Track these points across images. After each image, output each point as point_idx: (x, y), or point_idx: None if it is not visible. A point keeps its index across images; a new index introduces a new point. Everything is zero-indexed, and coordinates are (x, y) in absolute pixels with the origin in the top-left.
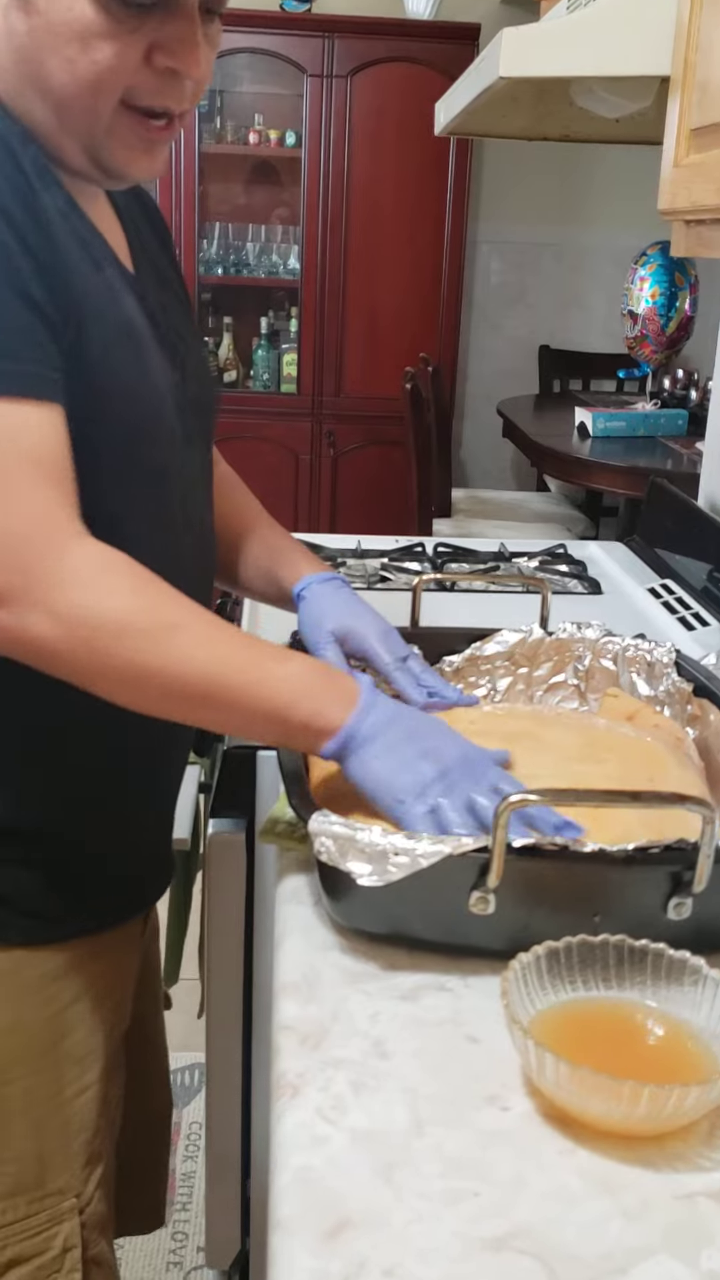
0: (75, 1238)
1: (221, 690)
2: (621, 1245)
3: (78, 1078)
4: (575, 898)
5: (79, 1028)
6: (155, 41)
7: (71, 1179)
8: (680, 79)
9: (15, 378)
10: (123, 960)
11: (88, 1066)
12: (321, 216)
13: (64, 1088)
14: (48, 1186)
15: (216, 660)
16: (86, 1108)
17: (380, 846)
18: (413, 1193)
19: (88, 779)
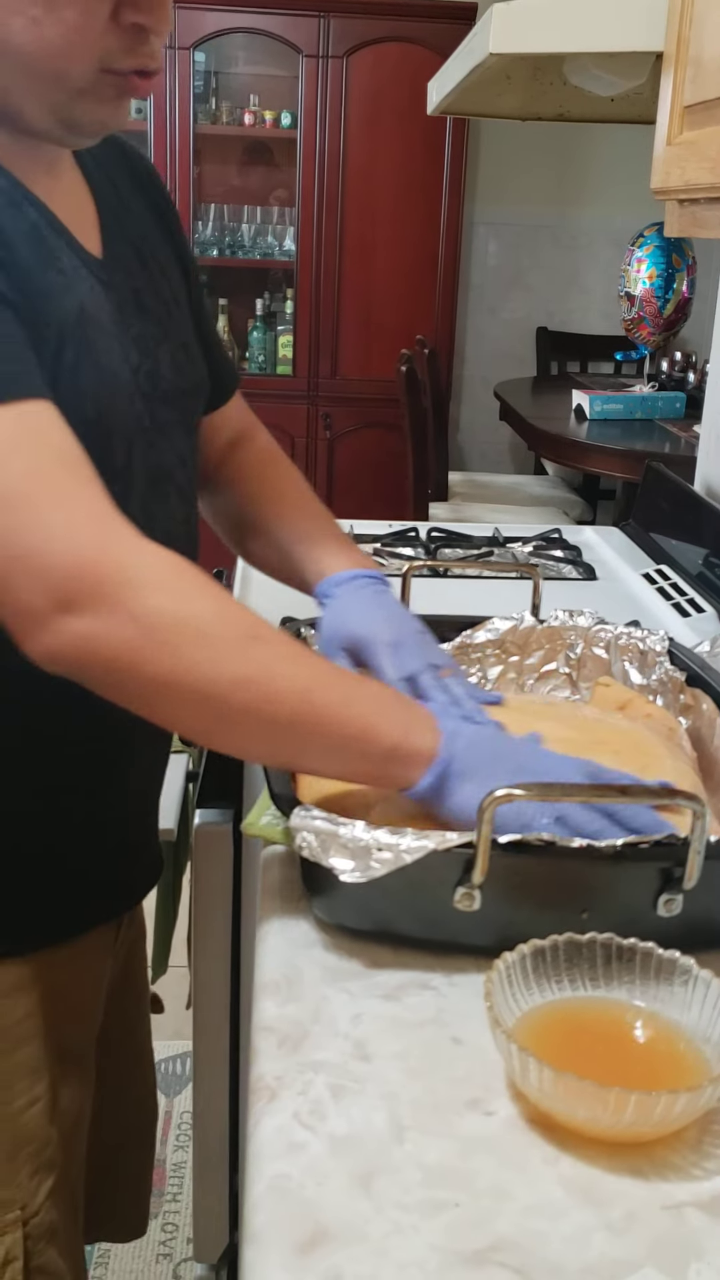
0: (17, 1249)
1: (308, 708)
2: (606, 1258)
3: (27, 1090)
4: (563, 894)
5: (32, 1040)
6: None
7: (16, 1191)
8: (674, 55)
9: (20, 379)
10: (89, 968)
11: (39, 1078)
12: (317, 198)
13: (12, 1100)
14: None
15: (303, 675)
16: (35, 1119)
17: (363, 842)
18: (391, 1203)
19: (43, 789)
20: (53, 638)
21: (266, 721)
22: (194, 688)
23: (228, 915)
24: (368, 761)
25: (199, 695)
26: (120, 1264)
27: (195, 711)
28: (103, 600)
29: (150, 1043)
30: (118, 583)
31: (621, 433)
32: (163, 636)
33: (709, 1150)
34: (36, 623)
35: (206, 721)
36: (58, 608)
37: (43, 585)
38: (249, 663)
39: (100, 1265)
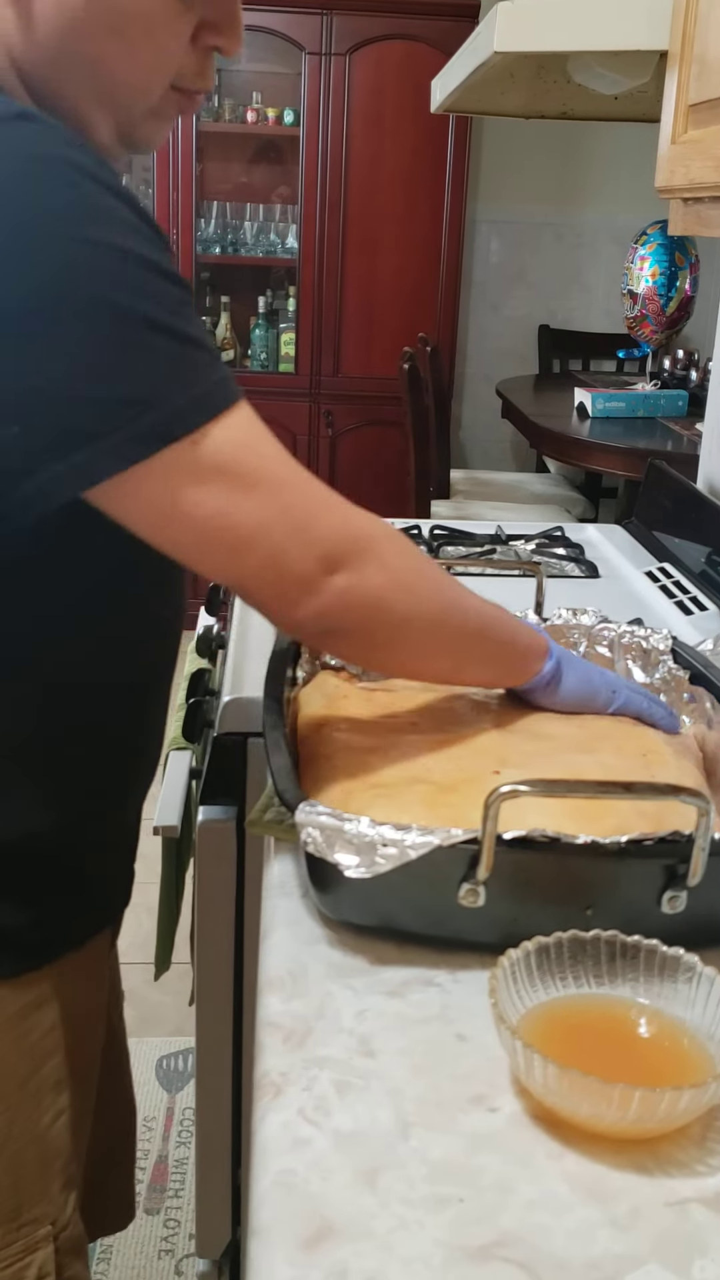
0: (50, 1265)
1: (481, 625)
2: (610, 1254)
3: (53, 1104)
4: (567, 890)
5: (56, 1052)
6: (204, 20)
7: (49, 1206)
8: (678, 53)
9: (230, 380)
10: (97, 973)
11: (63, 1090)
12: (320, 195)
13: (41, 1116)
14: (23, 1216)
15: (473, 599)
16: (62, 1132)
17: (368, 837)
18: (396, 1199)
19: (65, 795)
20: (320, 598)
21: (464, 637)
22: (427, 618)
23: (230, 912)
24: (513, 662)
25: (430, 624)
26: (122, 1260)
27: (425, 639)
28: (358, 557)
29: (125, 1035)
30: (367, 541)
31: (624, 431)
32: (403, 579)
33: (713, 1146)
34: (306, 587)
35: (431, 646)
36: (325, 570)
37: (315, 552)
38: (451, 590)
39: (102, 1261)
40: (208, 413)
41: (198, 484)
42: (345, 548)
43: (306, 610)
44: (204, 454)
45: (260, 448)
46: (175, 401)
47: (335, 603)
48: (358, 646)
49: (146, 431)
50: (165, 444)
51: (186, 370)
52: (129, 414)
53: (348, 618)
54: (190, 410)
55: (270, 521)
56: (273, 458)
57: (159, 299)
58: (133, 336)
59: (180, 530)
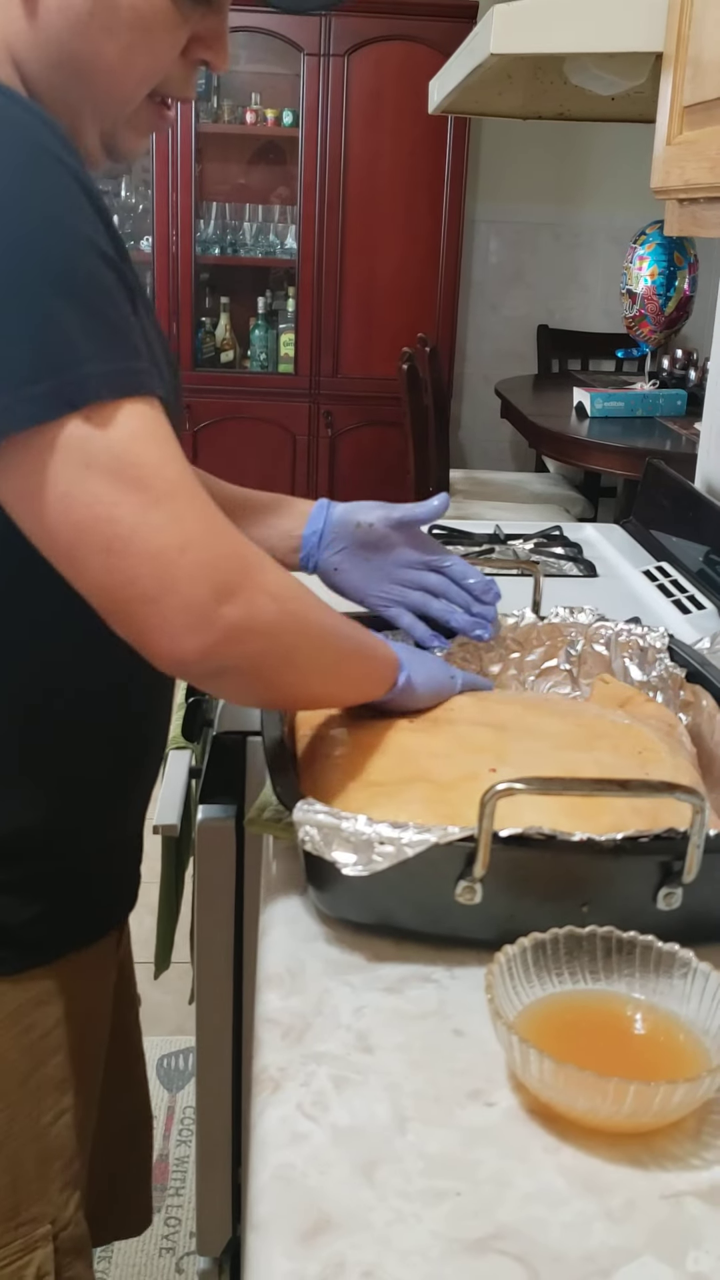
0: (49, 1264)
1: (353, 640)
2: (606, 1246)
3: (56, 1103)
4: (563, 887)
5: (59, 1052)
6: (195, 34)
7: (47, 1206)
8: (673, 55)
9: (151, 375)
10: (103, 973)
11: (66, 1090)
12: (319, 196)
13: (41, 1115)
14: (22, 1215)
15: (337, 615)
16: (64, 1132)
17: (365, 836)
18: (394, 1192)
19: (68, 792)
20: (212, 632)
21: (340, 662)
22: (312, 646)
23: (230, 910)
24: (378, 677)
25: (314, 651)
26: (123, 1258)
27: (309, 669)
28: (248, 587)
29: (140, 1037)
30: (253, 569)
31: (622, 430)
32: (289, 607)
33: (708, 1140)
34: (196, 617)
35: (315, 675)
36: (217, 598)
37: (207, 575)
38: (325, 613)
39: (103, 1260)
40: (114, 391)
41: (85, 466)
42: (237, 575)
43: (194, 645)
44: (99, 435)
45: (160, 448)
46: (84, 369)
47: (225, 637)
48: (245, 684)
49: (44, 394)
50: (61, 412)
51: (99, 347)
52: (30, 375)
53: (239, 652)
54: (96, 381)
55: (156, 527)
56: (172, 463)
57: (91, 279)
58: (52, 305)
59: (55, 515)
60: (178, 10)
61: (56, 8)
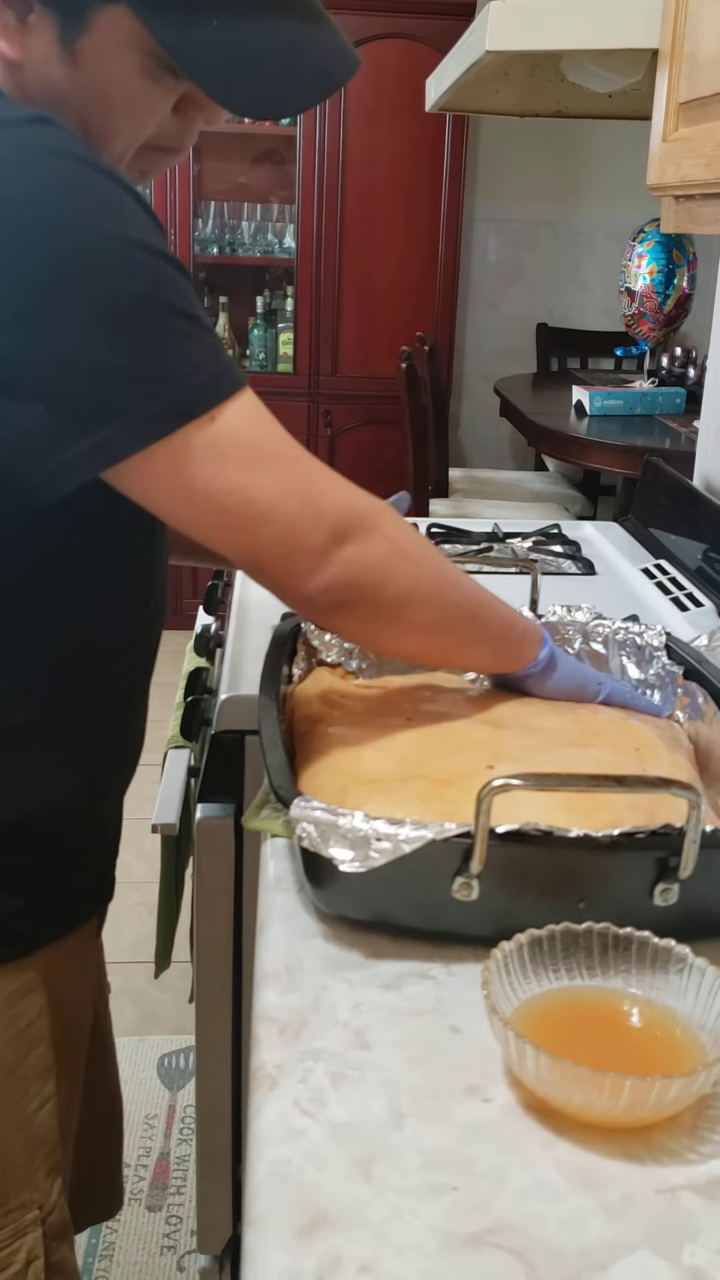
0: (38, 1248)
1: (481, 598)
2: (602, 1241)
3: (39, 1091)
4: (560, 884)
5: (43, 1041)
6: (186, 95)
7: (34, 1192)
8: (668, 52)
9: (236, 368)
10: (85, 962)
11: (49, 1078)
12: (317, 195)
13: (28, 1104)
14: (10, 1202)
15: (464, 575)
16: (48, 1119)
17: (362, 832)
18: (391, 1188)
19: (49, 786)
20: (330, 569)
21: (463, 611)
22: (429, 589)
23: (229, 908)
24: (510, 645)
25: (431, 595)
26: (124, 1256)
27: (428, 612)
28: (364, 529)
29: (110, 1023)
30: (371, 514)
31: (622, 428)
32: (406, 549)
33: (704, 1135)
34: (317, 558)
35: (433, 621)
36: (334, 540)
37: (326, 524)
38: (446, 564)
39: (105, 1258)
40: (223, 391)
41: (216, 460)
42: (352, 520)
43: (318, 581)
44: (221, 430)
45: (271, 427)
46: (192, 381)
47: (344, 572)
48: (365, 619)
49: (166, 409)
50: (185, 421)
51: (201, 352)
52: (149, 392)
53: (356, 587)
54: (206, 389)
55: (286, 494)
56: (282, 436)
57: (173, 287)
58: (152, 320)
59: (200, 506)
60: (158, 85)
61: (40, 78)
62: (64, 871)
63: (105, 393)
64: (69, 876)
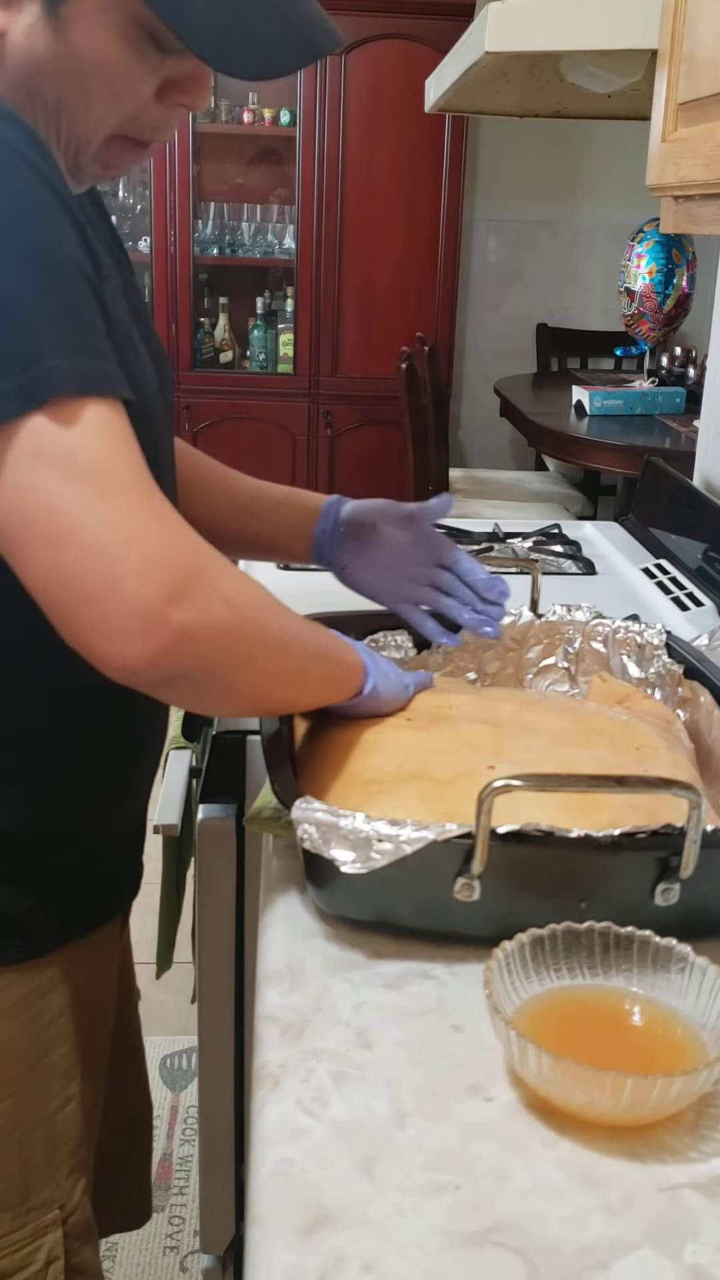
0: (59, 1249)
1: (318, 645)
2: (604, 1239)
3: (61, 1090)
4: (561, 884)
5: (65, 1040)
6: (170, 78)
7: (55, 1191)
8: (667, 52)
9: (118, 377)
10: (106, 962)
11: (72, 1077)
12: (317, 196)
13: (49, 1101)
14: (31, 1201)
15: (303, 621)
16: (70, 1119)
17: (364, 833)
18: (393, 1187)
19: (67, 784)
20: (160, 635)
21: (301, 666)
22: (269, 652)
23: (231, 909)
24: (342, 682)
25: (273, 658)
26: (127, 1256)
27: (268, 676)
28: (202, 590)
29: (140, 1031)
30: (208, 572)
31: (622, 428)
32: (246, 614)
33: (705, 1133)
34: (147, 620)
35: (273, 682)
36: (167, 599)
37: (158, 575)
38: (287, 620)
39: (108, 1258)
40: (74, 386)
41: (35, 456)
42: (190, 576)
43: (141, 649)
44: (54, 428)
45: (119, 446)
46: (45, 364)
47: (175, 642)
48: (199, 692)
49: (10, 392)
50: (26, 409)
51: (64, 342)
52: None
53: (190, 659)
54: (57, 377)
55: (103, 521)
56: (129, 462)
57: (60, 278)
58: (19, 303)
59: (3, 505)
60: (142, 59)
61: (22, 50)
62: (83, 869)
63: None
64: (89, 873)
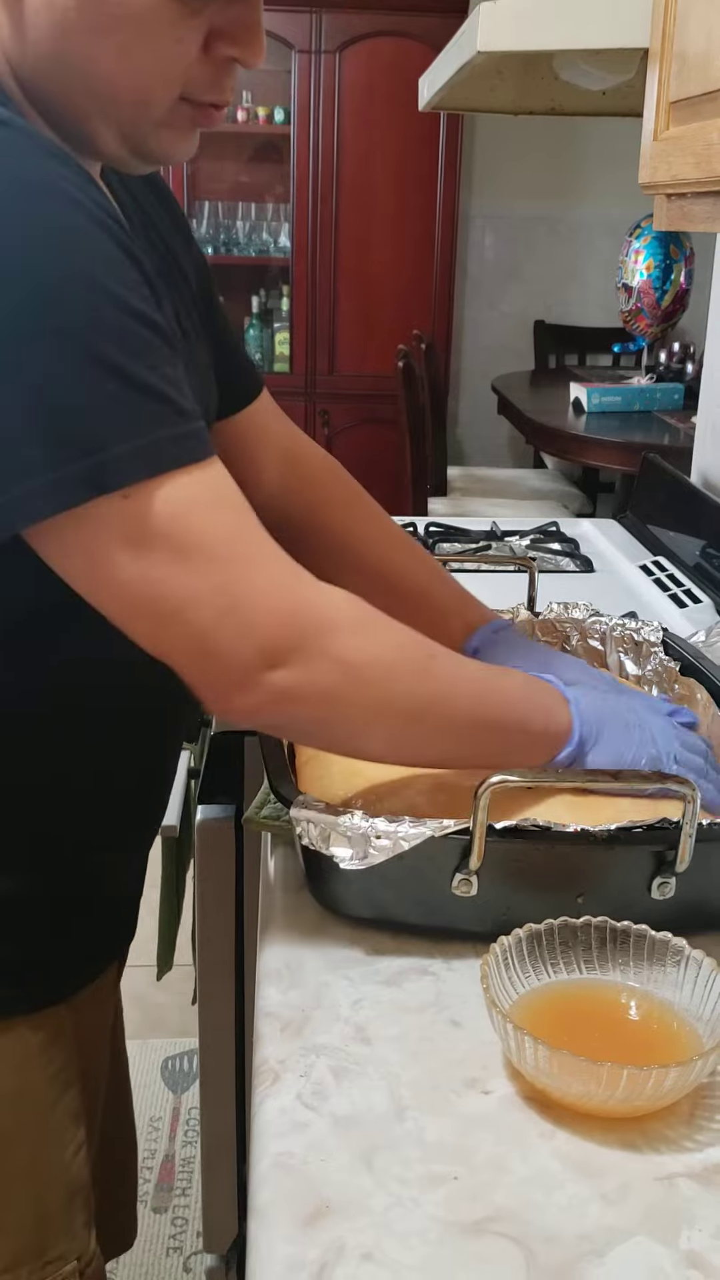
0: None
1: (484, 711)
2: (601, 1227)
3: (74, 1137)
4: (558, 879)
5: (75, 1084)
6: (216, 28)
7: (73, 1242)
8: (658, 51)
9: (204, 434)
10: (106, 1003)
11: (80, 1123)
12: (312, 194)
13: (64, 1149)
14: (49, 1253)
15: (475, 685)
16: (81, 1165)
17: (362, 830)
18: (392, 1178)
19: (79, 832)
20: (259, 693)
21: (449, 732)
22: (396, 715)
23: (231, 909)
24: (522, 750)
25: (400, 721)
26: (130, 1258)
27: (395, 736)
28: (306, 651)
29: (128, 1065)
30: (318, 631)
31: (620, 425)
32: (364, 675)
33: (701, 1124)
34: (243, 679)
35: (401, 742)
36: (266, 662)
37: (253, 640)
38: (434, 681)
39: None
40: (149, 469)
41: (127, 545)
42: (289, 640)
43: (242, 704)
44: (137, 513)
45: (209, 516)
46: (113, 450)
47: (275, 700)
48: (312, 739)
49: (77, 477)
50: (95, 493)
51: (132, 419)
52: (62, 456)
53: (294, 714)
54: (128, 462)
55: (200, 597)
56: (222, 528)
57: (122, 339)
58: (82, 376)
59: (105, 590)
60: (178, 2)
61: (43, 8)
62: (91, 918)
63: (14, 451)
64: (96, 922)
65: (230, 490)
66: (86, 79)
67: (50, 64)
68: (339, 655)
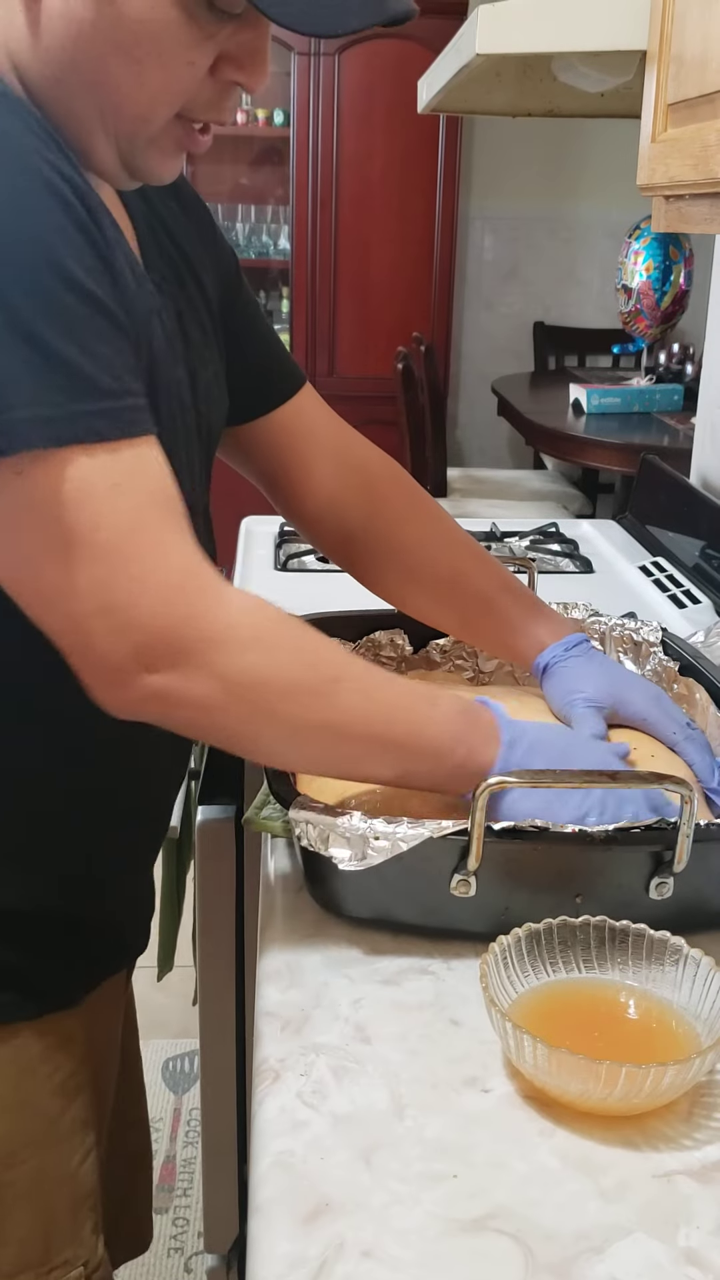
0: None
1: (383, 738)
2: (599, 1224)
3: (81, 1143)
4: (556, 879)
5: (84, 1091)
6: (225, 52)
7: (80, 1248)
8: (656, 54)
9: (130, 415)
10: (116, 1007)
11: (90, 1129)
12: (311, 196)
13: (71, 1157)
14: (54, 1260)
15: (379, 708)
16: (89, 1172)
17: (361, 831)
18: (392, 1176)
19: (85, 843)
20: (132, 691)
21: (344, 755)
22: (277, 737)
23: (231, 909)
24: (434, 778)
25: (283, 741)
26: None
27: (279, 754)
28: (187, 661)
29: (141, 1069)
30: (204, 644)
31: (619, 426)
32: (247, 695)
33: (699, 1121)
34: (116, 677)
35: (289, 758)
36: (141, 664)
37: (128, 642)
38: (331, 709)
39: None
40: (46, 439)
41: (11, 522)
42: (169, 647)
43: (115, 699)
44: (25, 489)
45: (104, 504)
46: (9, 415)
47: (148, 700)
48: (196, 738)
49: None
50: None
51: (36, 388)
52: None
53: (170, 716)
54: (24, 427)
55: (78, 589)
56: (117, 518)
57: (49, 309)
58: None
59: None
60: (195, 25)
61: (59, 16)
62: (102, 923)
63: None
64: (106, 927)
65: (142, 479)
66: (94, 89)
67: (60, 71)
68: (221, 672)
